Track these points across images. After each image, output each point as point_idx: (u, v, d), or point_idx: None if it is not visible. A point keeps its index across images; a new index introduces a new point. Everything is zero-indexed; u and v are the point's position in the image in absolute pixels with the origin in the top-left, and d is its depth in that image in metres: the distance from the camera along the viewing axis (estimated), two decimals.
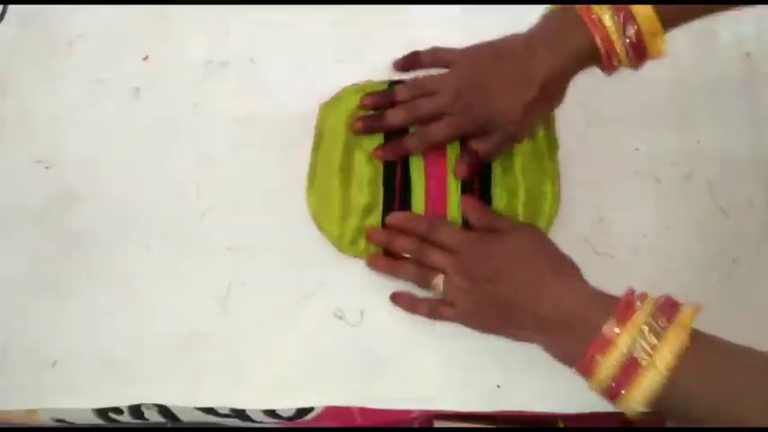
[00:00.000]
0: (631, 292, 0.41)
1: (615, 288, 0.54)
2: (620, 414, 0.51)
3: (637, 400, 0.37)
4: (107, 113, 0.60)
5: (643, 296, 0.41)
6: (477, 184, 0.56)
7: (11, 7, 0.64)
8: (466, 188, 0.55)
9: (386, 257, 0.53)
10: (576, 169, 0.57)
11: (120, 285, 0.55)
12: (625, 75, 0.61)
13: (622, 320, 0.38)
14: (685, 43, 0.60)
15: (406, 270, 0.52)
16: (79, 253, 0.56)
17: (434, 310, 0.50)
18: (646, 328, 0.37)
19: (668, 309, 0.39)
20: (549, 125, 0.58)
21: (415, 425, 0.54)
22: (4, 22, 0.64)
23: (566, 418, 0.52)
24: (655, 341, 0.37)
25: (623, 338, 0.37)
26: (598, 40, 0.45)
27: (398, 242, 0.52)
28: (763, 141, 0.58)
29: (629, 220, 0.56)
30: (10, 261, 0.56)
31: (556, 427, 0.53)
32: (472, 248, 0.47)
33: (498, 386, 0.52)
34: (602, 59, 0.46)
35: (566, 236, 0.55)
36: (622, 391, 0.37)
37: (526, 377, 0.52)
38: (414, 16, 0.63)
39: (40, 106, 0.60)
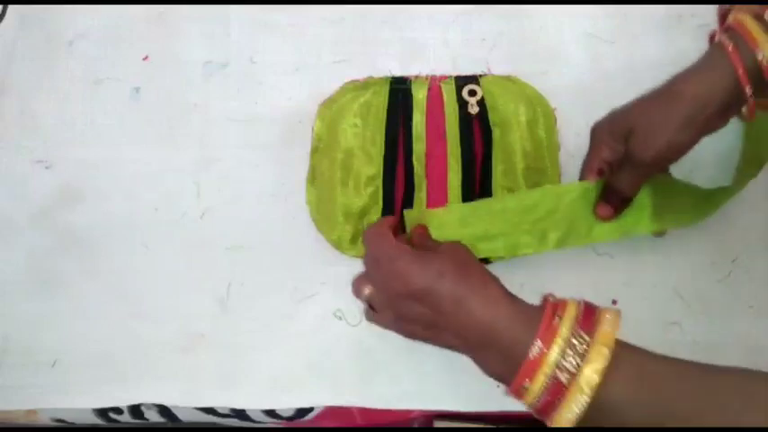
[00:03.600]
0: (550, 304, 0.40)
1: (615, 289, 0.54)
2: None
3: (566, 419, 0.37)
4: (107, 113, 0.60)
5: (562, 306, 0.39)
6: (479, 184, 0.56)
7: (11, 7, 0.64)
8: (466, 188, 0.55)
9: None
10: (576, 169, 0.56)
11: (120, 285, 0.55)
12: (624, 75, 0.61)
13: (545, 341, 0.37)
14: (686, 43, 0.60)
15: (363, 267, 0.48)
16: (79, 253, 0.56)
17: (368, 314, 0.48)
18: (568, 351, 0.37)
19: (588, 321, 0.38)
20: (550, 126, 0.58)
21: (415, 425, 0.54)
22: (4, 22, 0.64)
23: None
24: (578, 361, 0.36)
25: (547, 361, 0.37)
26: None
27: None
28: None
29: None
30: (10, 261, 0.56)
31: (556, 428, 0.53)
32: (392, 265, 0.43)
33: (498, 386, 0.52)
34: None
35: None
36: (552, 412, 0.37)
37: None
38: (414, 16, 0.63)
39: (40, 106, 0.60)
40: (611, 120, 0.50)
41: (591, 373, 0.36)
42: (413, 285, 0.42)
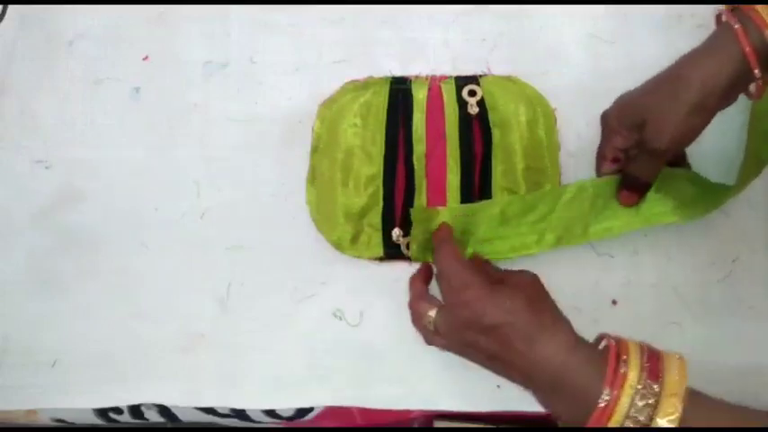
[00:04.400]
0: (613, 347, 0.39)
1: (615, 289, 0.54)
2: None
3: None
4: (107, 113, 0.60)
5: (624, 349, 0.39)
6: (478, 185, 0.56)
7: (11, 7, 0.64)
8: (465, 189, 0.55)
9: (427, 270, 0.51)
10: (576, 169, 0.57)
11: (120, 285, 0.55)
12: (624, 75, 0.61)
13: (615, 391, 0.37)
14: (686, 43, 0.60)
15: (410, 290, 0.49)
16: (79, 253, 0.56)
17: (428, 336, 0.47)
18: (638, 401, 0.37)
19: (655, 369, 0.38)
20: (550, 126, 0.58)
21: (415, 425, 0.54)
22: (4, 22, 0.64)
23: None
24: (650, 411, 0.37)
25: (618, 410, 0.37)
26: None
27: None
28: None
29: None
30: (10, 261, 0.56)
31: (556, 427, 0.53)
32: (461, 292, 0.43)
33: (498, 386, 0.52)
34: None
35: None
36: None
37: None
38: (413, 16, 0.63)
39: (40, 106, 0.60)
40: (620, 108, 0.50)
41: (664, 424, 0.36)
42: (484, 319, 0.42)
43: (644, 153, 0.49)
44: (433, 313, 0.46)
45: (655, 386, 0.37)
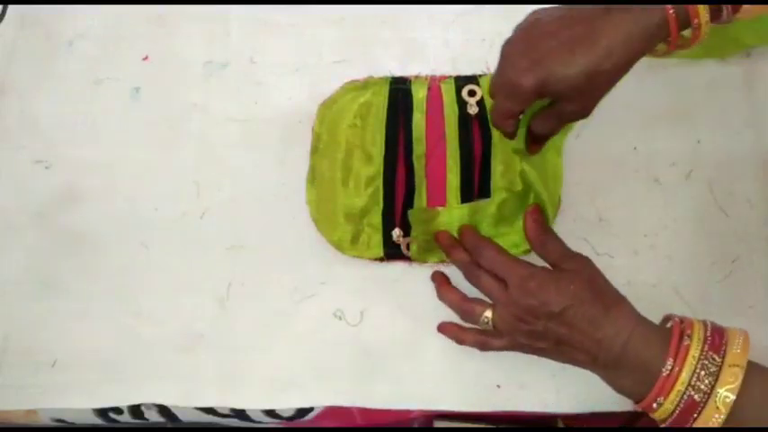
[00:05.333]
0: (677, 323, 0.42)
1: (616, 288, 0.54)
2: (621, 414, 0.51)
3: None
4: (107, 113, 0.60)
5: (688, 326, 0.41)
6: (477, 184, 0.56)
7: (11, 7, 0.64)
8: (465, 189, 0.55)
9: (443, 278, 0.51)
10: (575, 169, 0.57)
11: (120, 285, 0.55)
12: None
13: (678, 361, 0.40)
14: None
15: (451, 300, 0.49)
16: (79, 253, 0.56)
17: (483, 342, 0.48)
18: (700, 371, 0.39)
19: (717, 342, 0.40)
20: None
21: (415, 425, 0.54)
22: (4, 22, 0.64)
23: (566, 418, 0.52)
24: (711, 381, 0.38)
25: (681, 379, 0.39)
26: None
27: (455, 254, 0.50)
28: (763, 141, 0.58)
29: (629, 220, 0.56)
30: (10, 261, 0.56)
31: (556, 427, 0.53)
32: (525, 284, 0.44)
33: (498, 386, 0.52)
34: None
35: (566, 236, 0.54)
36: (686, 424, 0.39)
37: (526, 377, 0.52)
38: (413, 16, 0.63)
39: (40, 106, 0.60)
40: (541, 81, 0.44)
41: (725, 393, 0.38)
42: (551, 306, 0.43)
43: (555, 116, 0.47)
44: (489, 313, 0.46)
45: (716, 357, 0.39)
